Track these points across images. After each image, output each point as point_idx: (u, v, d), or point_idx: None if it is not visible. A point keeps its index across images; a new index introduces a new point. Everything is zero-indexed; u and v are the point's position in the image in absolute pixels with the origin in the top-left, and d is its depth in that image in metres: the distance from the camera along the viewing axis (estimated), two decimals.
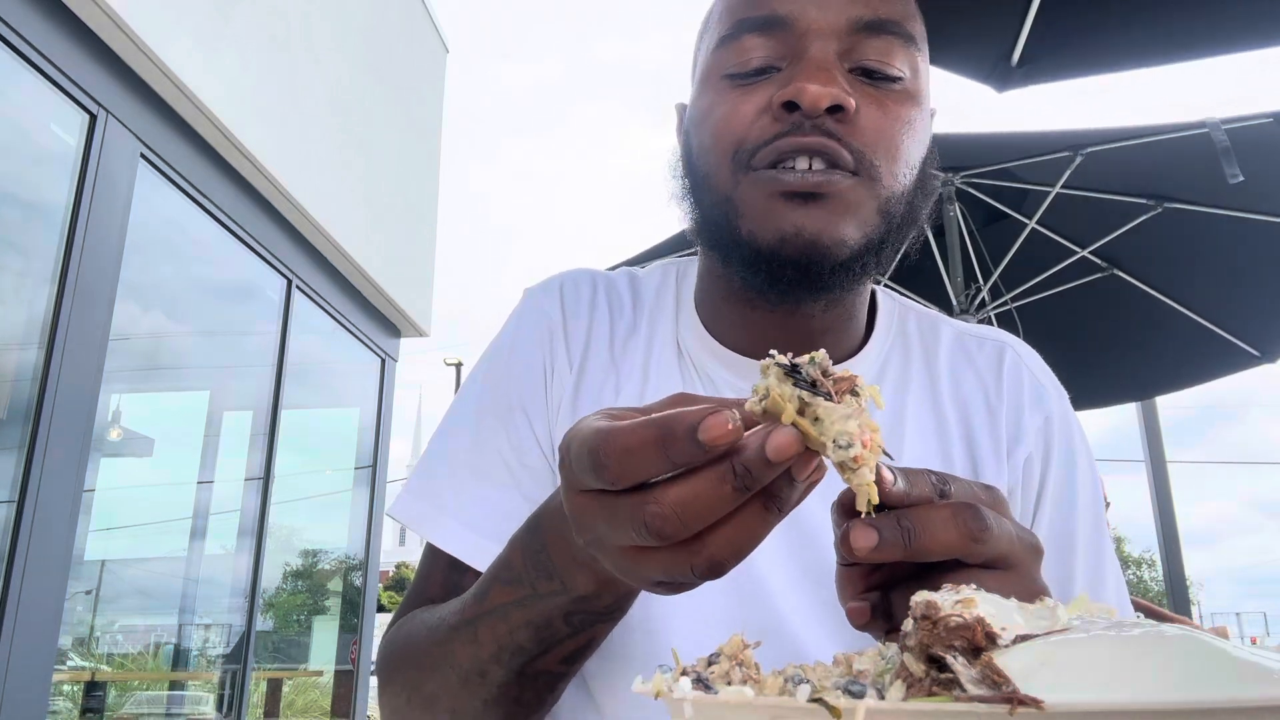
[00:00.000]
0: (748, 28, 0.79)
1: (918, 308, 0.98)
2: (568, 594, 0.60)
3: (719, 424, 0.41)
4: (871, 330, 0.91)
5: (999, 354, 0.92)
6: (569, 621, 0.62)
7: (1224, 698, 0.32)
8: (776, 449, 0.41)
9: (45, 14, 3.49)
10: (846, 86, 0.75)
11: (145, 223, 4.12)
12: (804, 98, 0.73)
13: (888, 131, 0.76)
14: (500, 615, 0.65)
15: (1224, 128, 2.93)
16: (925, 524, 0.51)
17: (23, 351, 3.56)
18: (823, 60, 0.75)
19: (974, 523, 0.52)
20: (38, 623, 3.34)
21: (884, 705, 0.34)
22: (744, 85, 0.78)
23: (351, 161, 6.10)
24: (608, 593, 0.60)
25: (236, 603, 5.27)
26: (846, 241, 0.75)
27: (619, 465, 0.44)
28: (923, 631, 0.36)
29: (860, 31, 0.77)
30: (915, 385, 0.89)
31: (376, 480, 6.83)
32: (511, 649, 0.65)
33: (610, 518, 0.46)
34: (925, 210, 0.83)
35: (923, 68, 0.81)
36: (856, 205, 0.75)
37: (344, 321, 6.31)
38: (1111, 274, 4.08)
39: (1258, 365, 4.12)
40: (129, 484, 5.10)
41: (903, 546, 0.50)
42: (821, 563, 0.78)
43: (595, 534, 0.48)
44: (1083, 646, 0.37)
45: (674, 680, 0.39)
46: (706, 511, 0.43)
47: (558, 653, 0.64)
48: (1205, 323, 4.03)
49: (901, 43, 0.78)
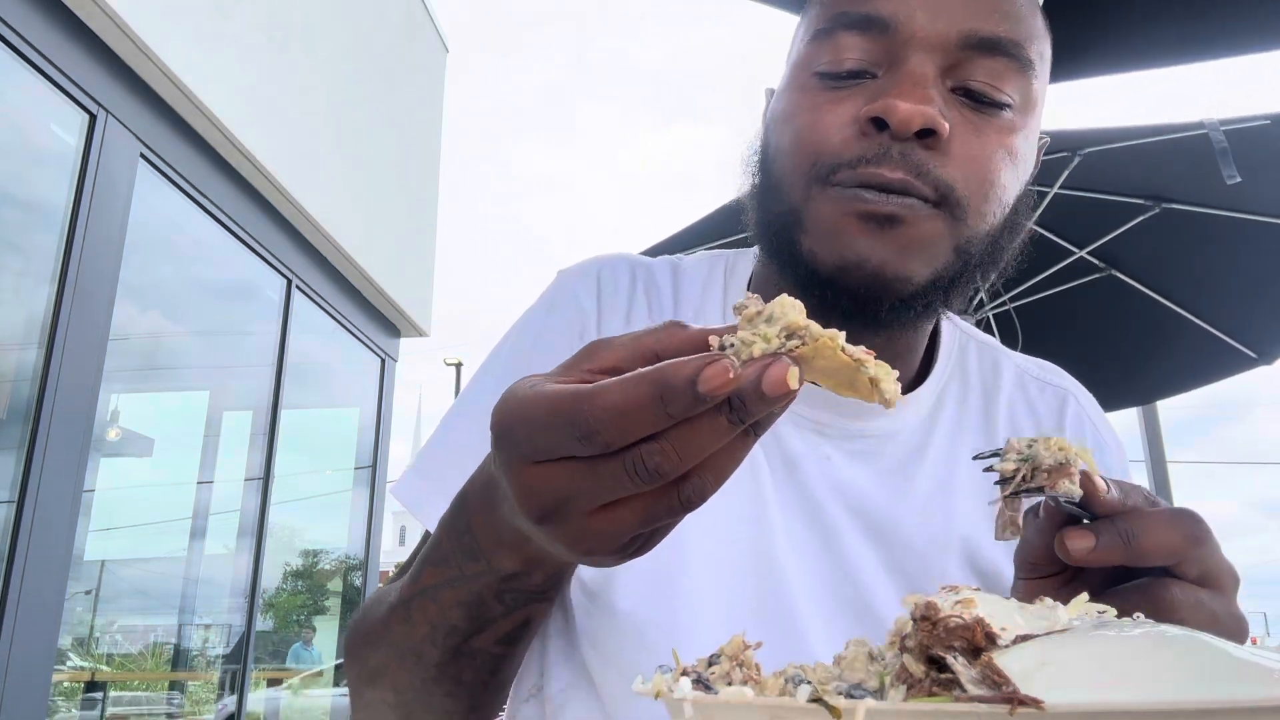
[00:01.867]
0: (845, 24, 0.72)
1: (979, 335, 0.92)
2: (494, 574, 0.58)
3: (719, 375, 0.39)
4: (931, 359, 0.85)
5: (1061, 403, 0.88)
6: (501, 600, 0.61)
7: (1224, 698, 0.32)
8: (773, 385, 0.40)
9: (45, 14, 3.49)
10: (943, 107, 0.69)
11: (145, 223, 4.12)
12: (893, 116, 0.67)
13: (981, 164, 0.70)
14: (430, 596, 0.63)
15: (1222, 129, 2.93)
16: (1145, 527, 0.51)
17: (22, 351, 3.56)
18: (920, 74, 0.69)
19: (1195, 527, 0.51)
20: (37, 623, 3.33)
21: (884, 706, 0.34)
22: (834, 89, 0.72)
23: (351, 161, 6.10)
24: (537, 570, 0.58)
25: (236, 602, 5.27)
26: (912, 278, 0.70)
27: (615, 428, 0.41)
28: (922, 632, 0.36)
29: (970, 48, 0.70)
30: (971, 427, 0.84)
31: (376, 480, 6.82)
32: (445, 629, 0.63)
33: (591, 479, 0.43)
34: (1010, 251, 0.77)
35: (1038, 95, 0.74)
36: (931, 240, 0.69)
37: (344, 321, 6.31)
38: (1109, 275, 4.08)
39: (1256, 367, 4.12)
40: (129, 484, 5.10)
41: (1123, 547, 0.50)
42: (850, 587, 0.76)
43: (559, 503, 0.44)
44: (1083, 647, 0.37)
45: (674, 680, 0.39)
46: (703, 448, 0.41)
47: (492, 632, 0.63)
48: (1203, 324, 4.03)
49: (1016, 67, 0.71)
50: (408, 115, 7.28)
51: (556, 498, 0.44)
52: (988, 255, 0.74)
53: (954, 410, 0.84)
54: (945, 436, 0.83)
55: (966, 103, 0.71)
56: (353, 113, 6.16)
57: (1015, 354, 0.92)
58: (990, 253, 0.74)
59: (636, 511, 0.44)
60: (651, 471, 0.41)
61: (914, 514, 0.78)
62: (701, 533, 0.75)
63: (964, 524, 0.78)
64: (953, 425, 0.84)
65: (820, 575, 0.76)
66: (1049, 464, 0.52)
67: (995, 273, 0.76)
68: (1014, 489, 0.53)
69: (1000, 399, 0.86)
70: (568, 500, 0.44)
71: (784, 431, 0.79)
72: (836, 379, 0.42)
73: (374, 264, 6.31)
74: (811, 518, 0.78)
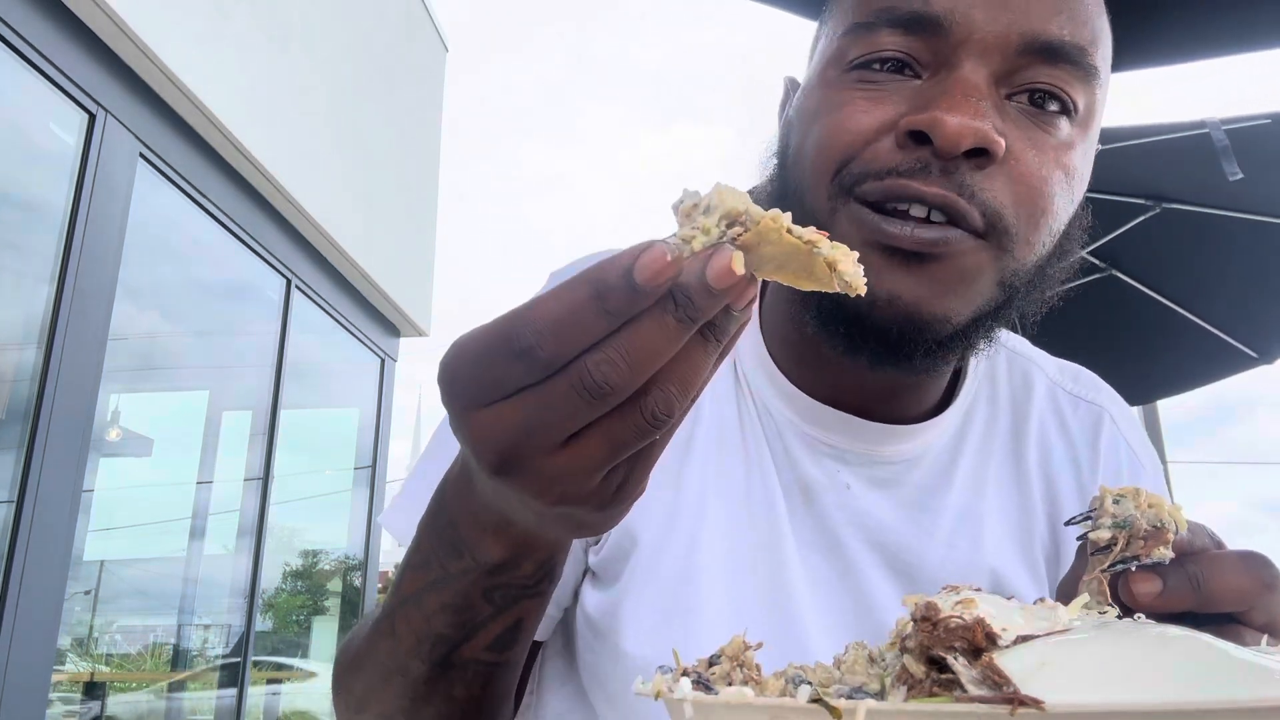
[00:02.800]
0: (890, 20, 0.63)
1: (1010, 343, 0.85)
2: (480, 568, 0.53)
3: (655, 260, 0.35)
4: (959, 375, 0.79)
5: (1096, 422, 0.82)
6: (490, 599, 0.55)
7: (1225, 698, 0.32)
8: (717, 274, 0.36)
9: (45, 14, 3.49)
10: (997, 121, 0.60)
11: (144, 222, 4.12)
12: (939, 131, 0.58)
13: (1035, 187, 0.61)
14: (414, 603, 0.57)
15: (1223, 128, 2.93)
16: (1214, 570, 0.47)
17: (22, 351, 3.55)
18: (974, 84, 0.60)
19: (1266, 571, 0.48)
20: (37, 623, 3.33)
21: (884, 706, 0.34)
22: (869, 87, 0.64)
23: (351, 161, 6.10)
24: (525, 559, 0.53)
25: (236, 603, 5.27)
26: (951, 318, 0.62)
27: (553, 338, 0.37)
28: (923, 633, 0.36)
29: (1032, 53, 0.61)
30: (999, 448, 0.78)
31: (376, 480, 6.82)
32: (431, 639, 0.58)
33: (542, 407, 0.39)
34: (1057, 279, 0.69)
35: (1099, 105, 0.66)
36: (974, 274, 0.61)
37: (343, 321, 6.31)
38: (1110, 275, 4.08)
39: (1256, 366, 4.12)
40: (128, 484, 5.10)
41: (1192, 593, 0.47)
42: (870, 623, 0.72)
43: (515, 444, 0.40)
44: (1084, 647, 0.37)
45: (674, 681, 0.39)
46: (653, 353, 0.37)
47: (483, 637, 0.57)
48: (1203, 323, 4.03)
49: (1081, 75, 0.62)
50: (408, 115, 7.28)
51: (511, 438, 0.40)
52: (1035, 285, 0.66)
53: (982, 432, 0.78)
54: (972, 461, 0.77)
55: (1023, 114, 0.62)
56: (353, 113, 6.15)
57: (1048, 363, 0.85)
58: (1038, 282, 0.66)
59: (601, 440, 0.40)
60: (601, 384, 0.37)
61: (938, 546, 0.73)
62: (714, 566, 0.71)
63: (992, 555, 0.74)
64: (980, 449, 0.77)
65: (838, 611, 0.72)
66: (1144, 531, 0.48)
67: (1035, 307, 0.68)
68: (1112, 561, 0.49)
69: (1031, 419, 0.80)
70: (524, 438, 0.40)
71: (800, 457, 0.74)
72: (791, 268, 0.39)
73: (374, 264, 6.31)
74: (829, 550, 0.73)
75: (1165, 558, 0.48)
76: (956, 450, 0.77)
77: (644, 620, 0.70)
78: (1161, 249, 3.89)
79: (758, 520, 0.73)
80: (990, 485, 0.76)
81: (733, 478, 0.74)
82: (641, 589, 0.70)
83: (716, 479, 0.74)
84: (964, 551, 0.73)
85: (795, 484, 0.74)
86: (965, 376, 0.79)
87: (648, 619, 0.70)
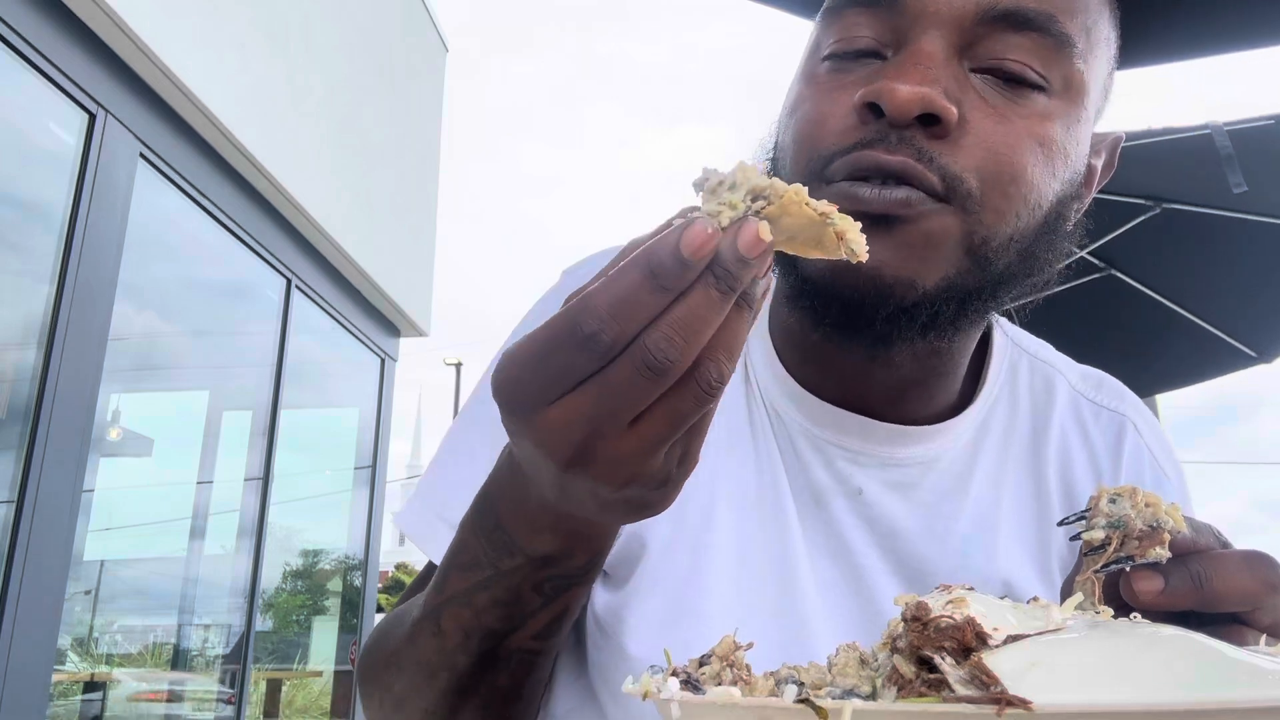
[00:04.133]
0: (851, 2, 0.64)
1: (1031, 347, 0.83)
2: (533, 563, 0.55)
3: (700, 234, 0.38)
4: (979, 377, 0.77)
5: (1119, 431, 0.80)
6: (540, 591, 0.57)
7: (1215, 698, 0.32)
8: (749, 244, 0.39)
9: (45, 14, 3.49)
10: (951, 88, 0.60)
11: (144, 222, 4.12)
12: (889, 100, 0.58)
13: (1003, 152, 0.60)
14: (462, 602, 0.59)
15: (1226, 130, 2.93)
16: (1218, 569, 0.47)
17: (22, 351, 3.55)
18: (927, 53, 0.60)
19: (1272, 571, 0.47)
20: (37, 623, 3.33)
21: (870, 706, 0.33)
22: (838, 74, 0.64)
23: (351, 161, 6.10)
24: (580, 549, 0.55)
25: (236, 603, 5.27)
26: (915, 282, 0.60)
27: (614, 320, 0.39)
28: (913, 633, 0.35)
29: (992, 22, 0.60)
30: (1018, 455, 0.76)
31: (376, 480, 6.82)
32: (480, 633, 0.60)
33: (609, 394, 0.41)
34: (1051, 261, 0.66)
35: (1085, 78, 0.63)
36: (939, 238, 0.60)
37: (343, 321, 6.31)
38: (1109, 275, 4.07)
39: (1255, 365, 4.12)
40: (128, 484, 5.10)
41: (1194, 591, 0.46)
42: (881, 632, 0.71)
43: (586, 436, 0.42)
44: (1075, 647, 0.37)
45: (663, 681, 0.38)
46: (704, 324, 0.40)
47: (530, 627, 0.59)
48: (1203, 323, 4.03)
49: (1050, 44, 0.61)
50: (408, 115, 7.28)
51: (582, 431, 0.42)
52: (1019, 266, 0.64)
53: (1000, 438, 0.76)
54: (989, 467, 0.75)
55: (990, 85, 0.61)
56: (352, 113, 6.15)
57: (1071, 370, 0.83)
58: (1022, 263, 0.64)
59: (663, 416, 0.42)
60: (662, 362, 0.40)
61: (952, 555, 0.72)
62: (722, 570, 0.70)
63: (1006, 566, 0.72)
64: (998, 455, 0.75)
65: (848, 617, 0.71)
66: (1139, 531, 0.48)
67: (1032, 289, 0.66)
68: (1105, 562, 0.49)
69: (1052, 427, 0.78)
70: (593, 429, 0.42)
71: (811, 460, 0.73)
72: (802, 239, 0.42)
73: (373, 264, 6.31)
74: (840, 556, 0.72)
75: (1161, 558, 0.47)
76: (974, 455, 0.75)
77: (649, 622, 0.69)
78: (1161, 249, 3.89)
79: (767, 524, 0.72)
80: (1007, 493, 0.75)
81: (743, 481, 0.73)
82: (649, 591, 0.70)
83: (726, 482, 0.73)
84: (977, 560, 0.72)
85: (806, 488, 0.73)
86: (985, 380, 0.77)
87: (653, 621, 0.69)
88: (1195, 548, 0.48)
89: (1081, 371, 0.84)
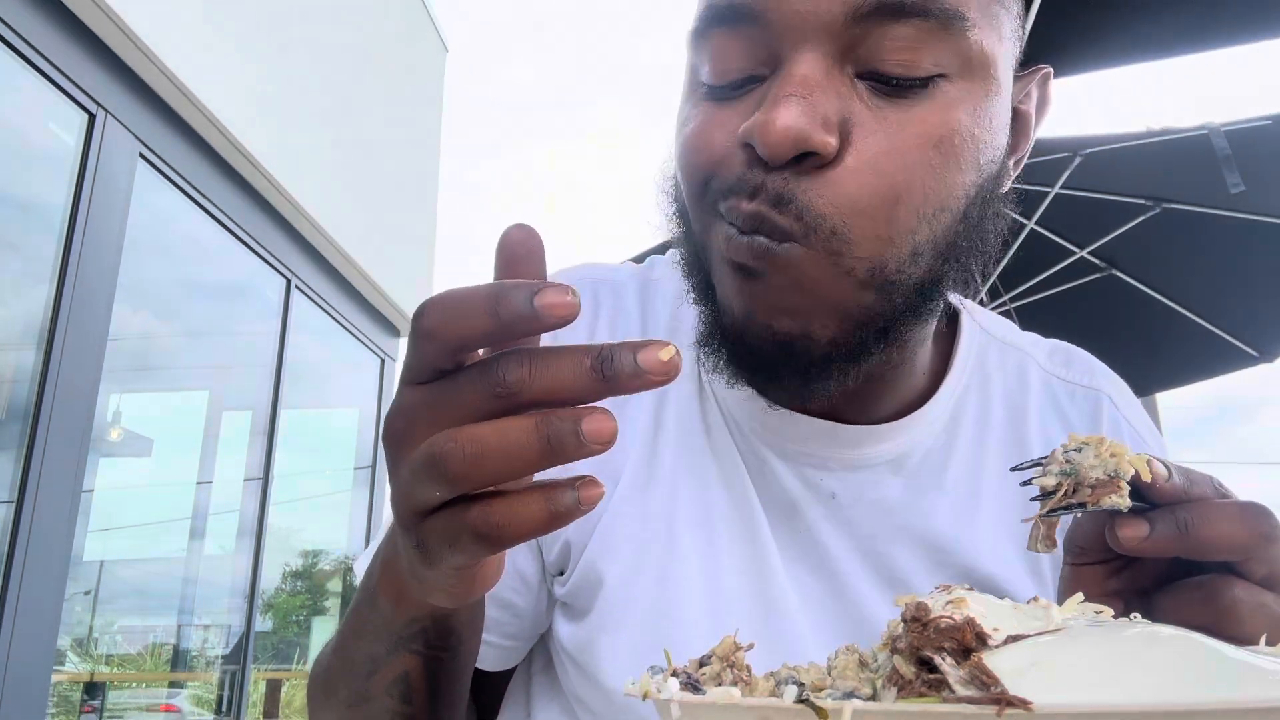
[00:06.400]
0: (714, 19, 0.59)
1: (1000, 333, 0.80)
2: (367, 601, 0.57)
3: (558, 294, 0.36)
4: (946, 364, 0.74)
5: (1095, 407, 0.77)
6: (379, 637, 0.58)
7: (1217, 699, 0.32)
8: (650, 361, 0.36)
9: (45, 14, 3.49)
10: (834, 112, 0.54)
11: (144, 223, 4.12)
12: (762, 144, 0.54)
13: (886, 173, 0.55)
14: (347, 618, 0.62)
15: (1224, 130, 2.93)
16: (1206, 517, 0.46)
17: (22, 351, 3.55)
18: (800, 77, 0.54)
19: (1265, 522, 0.46)
20: (37, 623, 3.33)
21: (870, 706, 0.33)
22: (720, 100, 0.60)
23: (351, 161, 6.10)
24: (398, 613, 0.55)
25: (236, 603, 5.27)
26: (812, 334, 0.57)
27: (440, 315, 0.38)
28: (913, 634, 0.35)
29: (868, 18, 0.54)
30: (996, 449, 0.73)
31: (376, 480, 6.82)
32: (351, 663, 0.61)
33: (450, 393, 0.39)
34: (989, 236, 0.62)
35: (982, 50, 0.57)
36: (811, 285, 0.55)
37: (343, 321, 6.31)
38: (1110, 274, 4.08)
39: (1255, 365, 4.13)
40: (128, 484, 5.10)
41: (1178, 537, 0.45)
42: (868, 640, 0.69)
43: (409, 419, 0.41)
44: (1075, 647, 0.36)
45: (662, 681, 0.38)
46: (560, 380, 0.37)
47: (382, 675, 0.59)
48: (1203, 323, 4.04)
49: (936, 25, 0.54)
50: (408, 115, 7.28)
51: (407, 413, 0.41)
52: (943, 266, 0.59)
53: (974, 429, 0.73)
54: (965, 460, 0.72)
55: (877, 90, 0.56)
56: (353, 113, 6.16)
57: (1039, 350, 0.80)
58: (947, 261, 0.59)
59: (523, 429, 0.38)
60: (506, 371, 0.38)
61: (932, 553, 0.69)
62: (691, 597, 0.67)
63: (989, 562, 0.69)
64: (974, 447, 0.72)
65: (834, 627, 0.68)
66: (1094, 478, 0.47)
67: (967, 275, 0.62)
68: (1052, 507, 0.48)
69: (1030, 417, 0.75)
70: (414, 412, 0.41)
71: (778, 469, 0.70)
72: None
73: (374, 264, 6.31)
74: (820, 567, 0.69)
75: (1119, 505, 0.46)
76: (948, 449, 0.72)
77: (622, 658, 0.67)
78: (1161, 249, 3.90)
79: (739, 542, 0.69)
80: (988, 484, 0.71)
81: (706, 502, 0.70)
82: (616, 627, 0.67)
83: (688, 506, 0.69)
84: (959, 559, 0.69)
85: (777, 499, 0.70)
86: (952, 366, 0.74)
87: (626, 656, 0.67)
88: (1187, 496, 0.47)
89: (1048, 348, 0.81)
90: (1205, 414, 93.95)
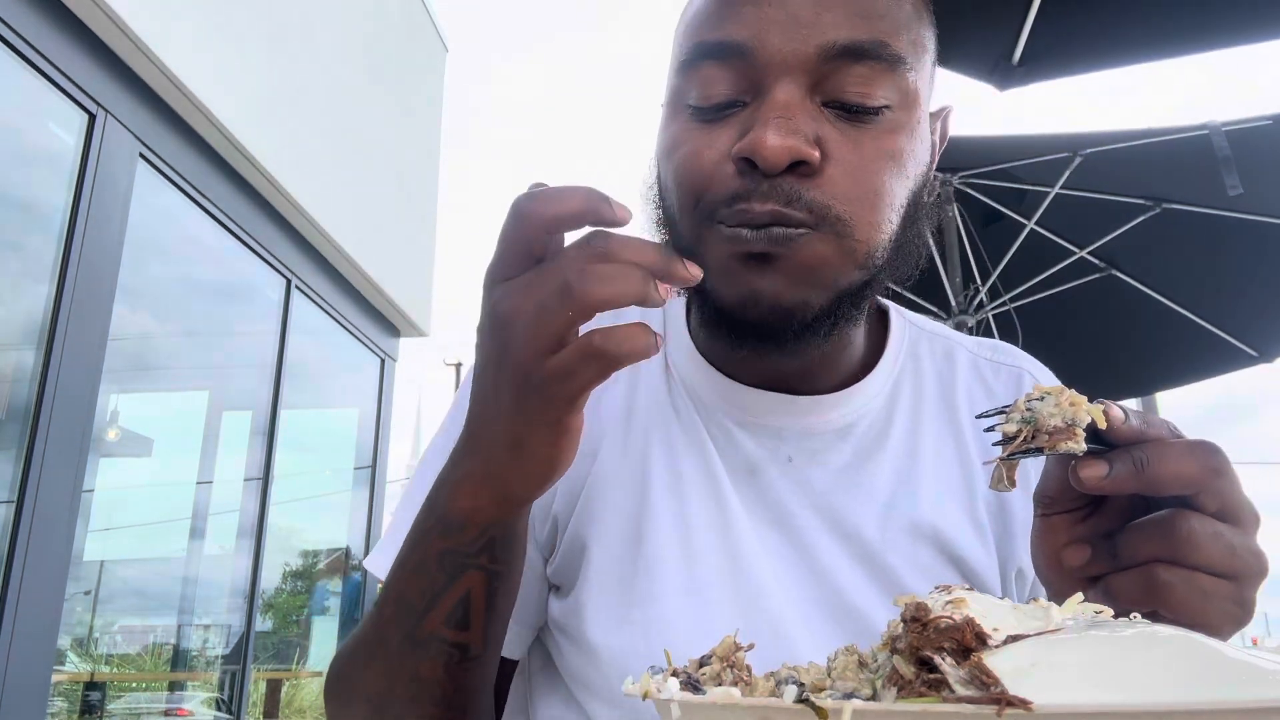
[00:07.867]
0: (704, 53, 0.69)
1: (929, 327, 0.92)
2: (438, 528, 0.62)
3: (623, 206, 0.54)
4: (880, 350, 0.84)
5: (1017, 381, 0.87)
6: (442, 566, 0.62)
7: (1217, 699, 0.32)
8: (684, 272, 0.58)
9: (45, 14, 3.49)
10: (811, 132, 0.66)
11: (144, 223, 4.12)
12: (761, 156, 0.64)
13: (862, 176, 0.67)
14: (394, 573, 0.67)
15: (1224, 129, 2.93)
16: (1160, 454, 0.50)
17: (21, 351, 3.55)
18: (785, 103, 0.65)
19: (1214, 458, 0.51)
20: (37, 623, 3.33)
21: (870, 706, 0.33)
22: (706, 123, 0.70)
23: (351, 161, 6.10)
24: (473, 523, 0.61)
25: (236, 603, 5.27)
26: (810, 303, 0.68)
27: (539, 200, 0.55)
28: (913, 634, 0.35)
29: (834, 59, 0.66)
30: (931, 416, 0.84)
31: (376, 480, 6.82)
32: (404, 607, 0.65)
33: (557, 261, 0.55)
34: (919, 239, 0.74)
35: (917, 86, 0.71)
36: (820, 264, 0.67)
37: (343, 321, 6.31)
38: (1110, 274, 4.08)
39: (1255, 365, 4.13)
40: (128, 484, 5.10)
41: (1135, 474, 0.50)
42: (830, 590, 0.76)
43: (502, 268, 0.57)
44: (1075, 647, 0.37)
45: (663, 681, 0.38)
46: (640, 252, 0.55)
47: (440, 607, 0.63)
48: (1203, 323, 4.04)
49: (885, 67, 0.67)
50: (408, 115, 7.28)
51: (515, 291, 0.56)
52: (894, 256, 0.71)
53: (910, 403, 0.84)
54: (903, 428, 0.82)
55: (841, 116, 0.67)
56: (352, 113, 6.16)
57: (966, 339, 0.91)
58: (896, 253, 0.71)
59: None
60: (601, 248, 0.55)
61: (879, 507, 0.78)
62: (667, 554, 0.75)
63: (931, 513, 0.78)
64: (910, 418, 0.83)
65: (797, 580, 0.76)
66: (1052, 425, 0.51)
67: (907, 269, 0.74)
68: (1012, 451, 0.53)
69: (958, 389, 0.86)
70: (523, 286, 0.55)
71: (740, 437, 0.79)
72: None
73: (373, 264, 6.31)
74: (779, 522, 0.78)
75: (1074, 450, 0.51)
76: (888, 419, 0.82)
77: (605, 613, 0.74)
78: (1161, 249, 3.90)
79: (706, 502, 0.78)
80: (925, 447, 0.81)
81: (673, 466, 0.79)
82: (599, 588, 0.75)
83: (658, 469, 0.79)
84: (903, 510, 0.78)
85: (739, 463, 0.79)
86: (888, 347, 0.84)
87: (609, 612, 0.74)
88: (1144, 437, 0.52)
89: (976, 341, 0.92)
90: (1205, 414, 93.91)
